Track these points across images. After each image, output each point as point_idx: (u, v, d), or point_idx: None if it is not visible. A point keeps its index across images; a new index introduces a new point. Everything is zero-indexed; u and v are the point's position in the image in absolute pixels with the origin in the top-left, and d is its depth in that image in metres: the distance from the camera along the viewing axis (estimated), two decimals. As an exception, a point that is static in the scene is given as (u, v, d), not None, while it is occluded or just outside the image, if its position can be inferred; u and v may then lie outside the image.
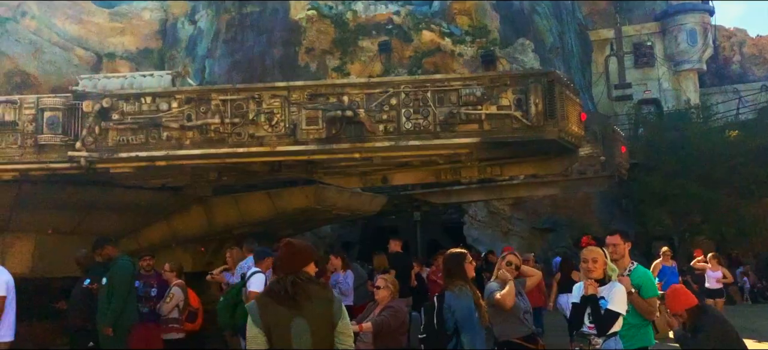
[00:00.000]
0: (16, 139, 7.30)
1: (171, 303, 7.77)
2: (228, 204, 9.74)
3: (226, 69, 21.85)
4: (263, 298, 3.47)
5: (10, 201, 8.19)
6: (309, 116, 7.28)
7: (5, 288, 6.11)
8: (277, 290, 3.44)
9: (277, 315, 3.35)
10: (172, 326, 7.85)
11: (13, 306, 6.23)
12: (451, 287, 5.00)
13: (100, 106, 7.25)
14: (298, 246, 3.70)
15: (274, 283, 3.50)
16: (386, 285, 5.82)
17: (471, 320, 4.86)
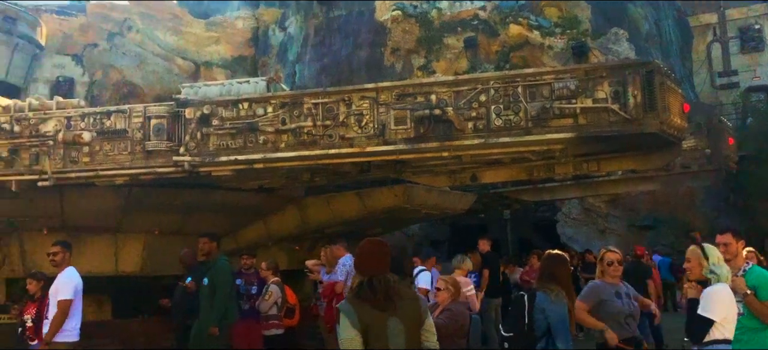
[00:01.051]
0: (126, 146, 7.78)
1: (270, 301, 8.08)
2: (320, 204, 9.97)
3: (315, 72, 22.41)
4: (355, 300, 3.47)
5: (122, 204, 8.78)
6: (397, 116, 7.31)
7: (73, 291, 6.43)
8: (370, 291, 3.44)
9: (373, 317, 3.38)
10: (272, 322, 8.16)
11: (80, 308, 6.58)
12: (545, 289, 4.86)
13: (201, 112, 7.63)
14: (382, 245, 3.74)
15: (365, 284, 3.48)
16: (446, 287, 5.68)
17: (565, 326, 4.71)
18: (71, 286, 6.40)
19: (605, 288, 5.22)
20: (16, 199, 8.16)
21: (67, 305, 6.30)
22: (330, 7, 22.64)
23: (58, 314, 6.28)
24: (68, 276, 6.51)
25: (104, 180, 7.88)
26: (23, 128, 7.83)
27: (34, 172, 7.73)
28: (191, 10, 27.26)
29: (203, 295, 7.40)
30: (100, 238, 9.50)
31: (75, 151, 7.74)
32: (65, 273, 6.55)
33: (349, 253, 7.47)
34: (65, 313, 6.30)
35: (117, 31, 25.37)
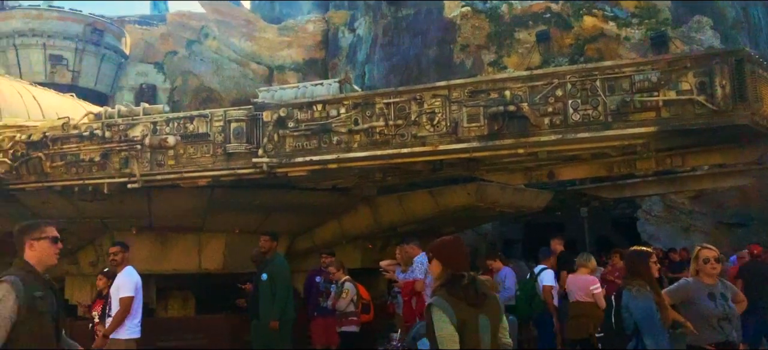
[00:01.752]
0: (208, 149, 8.10)
1: (347, 298, 8.23)
2: (392, 203, 10.03)
3: (384, 72, 22.54)
4: (448, 296, 3.46)
5: (205, 205, 9.14)
6: (470, 113, 7.25)
7: (134, 288, 6.69)
8: (459, 288, 3.46)
9: (466, 313, 3.40)
10: (351, 319, 8.30)
11: (140, 305, 6.82)
12: (629, 286, 4.73)
13: (277, 115, 7.84)
14: (463, 242, 3.79)
15: (454, 281, 3.50)
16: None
17: (652, 321, 4.54)
18: (132, 284, 6.68)
19: (696, 286, 4.99)
20: (107, 201, 8.62)
21: (128, 302, 6.58)
22: (398, 6, 22.70)
23: (120, 311, 6.57)
24: (128, 274, 6.79)
25: (188, 182, 8.23)
26: (113, 134, 8.28)
27: (124, 175, 8.16)
28: (264, 15, 28.07)
29: (263, 291, 7.64)
30: (185, 237, 9.93)
31: (161, 154, 8.11)
32: (125, 271, 6.84)
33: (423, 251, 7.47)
34: (127, 310, 6.57)
35: (195, 38, 26.45)
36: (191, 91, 25.49)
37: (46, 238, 3.65)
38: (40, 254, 3.61)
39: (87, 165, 8.21)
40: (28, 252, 3.63)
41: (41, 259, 3.63)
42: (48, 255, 3.65)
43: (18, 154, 8.31)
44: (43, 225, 3.73)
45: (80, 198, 8.56)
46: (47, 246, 3.63)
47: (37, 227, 3.71)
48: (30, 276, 3.52)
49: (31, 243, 3.64)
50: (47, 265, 3.67)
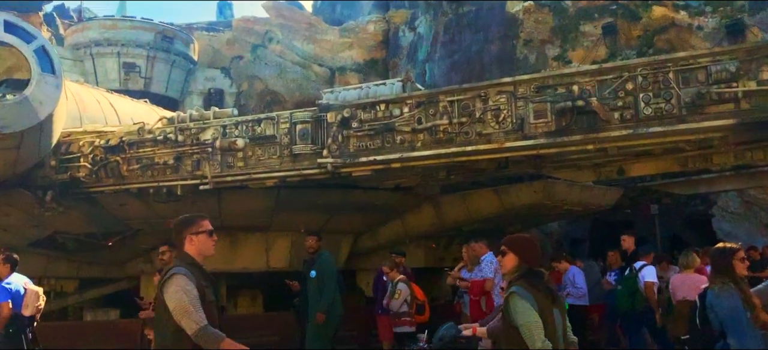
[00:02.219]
0: (275, 151, 8.29)
1: (400, 299, 8.19)
2: (456, 202, 9.96)
3: (445, 70, 22.41)
4: (529, 286, 3.55)
5: (272, 205, 9.35)
6: (537, 109, 7.13)
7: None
8: (537, 281, 3.57)
9: (544, 306, 3.50)
10: (405, 319, 8.27)
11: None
12: (713, 285, 4.53)
13: (341, 116, 7.94)
14: (537, 240, 3.84)
15: (531, 275, 3.60)
16: None
17: (737, 321, 4.33)
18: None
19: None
20: (180, 202, 8.94)
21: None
22: (459, 3, 22.50)
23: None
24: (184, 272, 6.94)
25: (256, 183, 8.45)
26: (186, 137, 8.59)
27: (196, 177, 8.46)
28: (326, 17, 28.44)
29: (312, 287, 7.79)
30: (253, 236, 10.20)
31: (230, 156, 8.37)
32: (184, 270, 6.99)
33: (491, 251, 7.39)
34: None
35: (259, 43, 27.08)
36: (256, 95, 26.12)
37: (203, 232, 3.79)
38: (199, 247, 3.76)
39: (161, 168, 8.55)
40: (187, 245, 3.79)
41: (200, 251, 3.77)
42: (207, 247, 3.79)
43: (97, 158, 8.75)
44: (199, 219, 3.86)
45: (155, 200, 8.92)
46: (205, 239, 3.78)
47: (194, 222, 3.85)
48: (194, 267, 3.68)
49: (190, 238, 3.78)
50: (206, 256, 3.81)
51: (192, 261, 3.75)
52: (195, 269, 3.70)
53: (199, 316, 3.50)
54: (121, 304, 11.53)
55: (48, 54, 7.96)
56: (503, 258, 3.80)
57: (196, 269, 3.70)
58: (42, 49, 7.93)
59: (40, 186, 8.68)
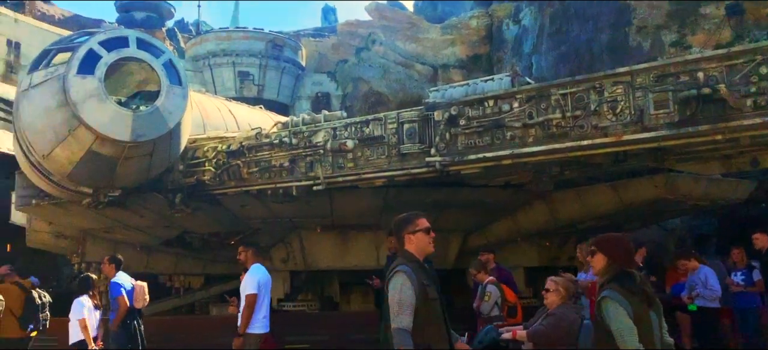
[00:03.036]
0: (383, 151, 8.41)
1: (490, 301, 7.92)
2: (570, 199, 9.61)
3: (552, 62, 21.71)
4: (624, 291, 3.41)
5: (381, 204, 9.50)
6: (657, 99, 6.73)
7: (256, 286, 6.94)
8: (633, 284, 3.44)
9: (639, 309, 3.37)
10: (495, 324, 7.99)
11: (265, 302, 7.03)
12: None
13: (448, 113, 7.91)
14: (628, 239, 3.75)
15: (624, 277, 3.47)
16: (556, 289, 5.13)
17: None
18: (255, 282, 6.97)
19: None
20: (295, 202, 9.31)
21: (251, 299, 6.90)
22: (566, -8, 21.72)
23: (245, 307, 6.93)
24: (253, 273, 7.11)
25: (366, 183, 8.61)
26: (299, 140, 8.92)
27: (310, 178, 8.76)
28: (427, 16, 28.48)
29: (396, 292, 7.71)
30: (364, 235, 10.42)
31: (341, 157, 8.59)
32: (251, 270, 7.18)
33: None
34: (251, 307, 6.85)
35: (363, 45, 27.61)
36: (361, 96, 26.64)
37: (420, 230, 3.87)
38: (417, 244, 3.85)
39: (277, 170, 8.94)
40: (407, 244, 3.89)
41: (419, 249, 3.85)
42: (424, 244, 3.86)
43: (220, 162, 9.29)
44: (415, 218, 3.95)
45: (272, 201, 9.34)
46: (422, 236, 3.85)
47: (411, 221, 3.95)
48: (416, 265, 3.77)
49: (408, 237, 3.89)
50: (426, 253, 3.88)
51: (413, 258, 3.79)
52: (417, 267, 3.74)
53: (400, 317, 3.57)
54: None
55: (174, 67, 8.58)
56: (592, 258, 3.68)
57: (417, 267, 3.75)
58: (169, 62, 8.56)
59: (170, 190, 9.36)
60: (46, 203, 10.16)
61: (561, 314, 5.04)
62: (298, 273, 11.50)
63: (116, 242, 11.48)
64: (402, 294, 3.58)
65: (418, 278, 3.64)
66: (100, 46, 7.95)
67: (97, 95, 7.69)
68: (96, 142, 7.86)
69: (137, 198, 9.42)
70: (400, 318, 3.56)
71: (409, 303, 3.57)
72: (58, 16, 30.86)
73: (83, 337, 7.29)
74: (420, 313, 3.59)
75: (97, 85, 7.71)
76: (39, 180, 9.43)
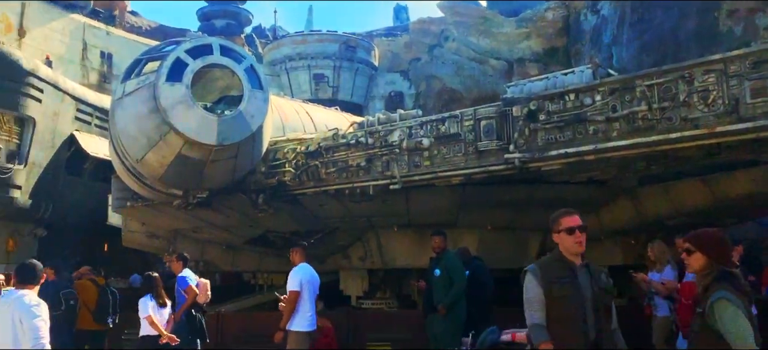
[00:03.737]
0: (460, 148, 8.35)
1: None
2: (657, 194, 9.19)
3: (634, 53, 20.83)
4: (737, 292, 3.29)
5: (458, 202, 9.44)
6: (755, 87, 6.35)
7: (298, 284, 7.04)
8: (738, 283, 3.34)
9: (748, 311, 3.26)
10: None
11: (308, 299, 7.08)
12: None
13: (527, 109, 7.76)
14: (727, 236, 3.57)
15: (730, 277, 3.35)
16: None
17: None
18: (297, 280, 7.08)
19: None
20: (372, 201, 9.41)
21: (292, 296, 7.02)
22: (648, -21, 20.79)
23: (286, 303, 7.08)
24: (296, 271, 7.23)
25: (442, 181, 8.58)
26: (375, 140, 9.00)
27: (386, 177, 8.82)
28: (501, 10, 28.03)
29: (436, 285, 7.63)
30: (440, 234, 10.35)
31: (417, 156, 8.61)
32: (296, 269, 7.30)
33: None
34: (292, 303, 6.99)
35: (436, 43, 27.54)
36: (434, 94, 26.57)
37: (563, 230, 3.87)
38: (563, 244, 3.88)
39: (354, 169, 9.06)
40: (558, 242, 3.94)
41: (565, 248, 3.86)
42: (569, 244, 3.83)
43: (299, 163, 9.52)
44: (560, 216, 3.94)
45: (350, 200, 9.48)
46: (565, 236, 3.86)
47: (555, 220, 3.97)
48: (555, 263, 3.85)
49: (555, 236, 3.97)
50: (574, 253, 3.85)
51: (560, 257, 3.87)
52: (555, 264, 3.82)
53: (529, 313, 3.77)
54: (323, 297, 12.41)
55: (256, 72, 8.87)
56: (689, 256, 3.50)
57: (556, 264, 3.82)
58: (251, 67, 8.85)
59: (253, 191, 9.68)
60: (140, 205, 10.76)
61: None
62: (376, 272, 11.62)
63: (204, 241, 12.01)
64: (527, 293, 3.79)
65: (547, 275, 3.75)
66: (187, 54, 8.32)
67: (185, 101, 8.06)
68: (185, 146, 8.24)
69: (223, 199, 9.80)
70: (529, 314, 3.77)
71: (536, 300, 3.75)
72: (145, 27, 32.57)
73: (151, 332, 7.72)
74: (548, 310, 3.73)
75: (185, 91, 8.08)
76: (133, 184, 10.00)
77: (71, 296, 8.13)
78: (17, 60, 17.02)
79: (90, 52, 25.03)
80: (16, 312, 4.61)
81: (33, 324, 4.55)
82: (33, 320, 4.56)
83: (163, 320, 7.81)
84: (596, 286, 3.77)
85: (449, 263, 7.70)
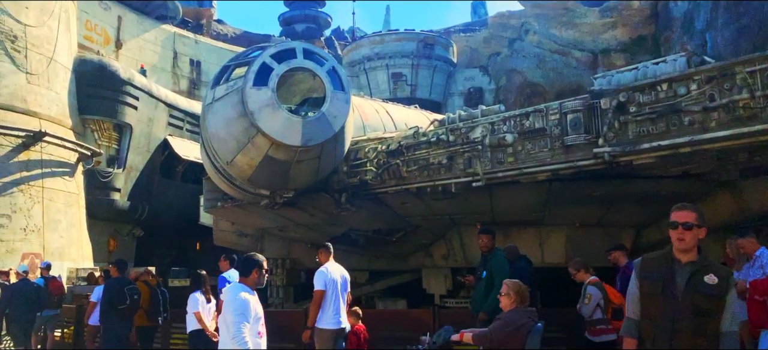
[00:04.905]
0: (546, 143, 8.12)
1: (590, 304, 7.22)
2: (762, 187, 8.57)
3: (731, 38, 19.56)
4: None
5: (544, 199, 9.20)
6: None
7: (322, 284, 7.02)
8: None
9: None
10: (600, 327, 7.26)
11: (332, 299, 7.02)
12: None
13: (616, 100, 7.44)
14: None
15: None
16: (507, 292, 5.05)
17: None
18: (322, 280, 7.07)
19: None
20: (454, 199, 9.33)
21: (317, 295, 7.03)
22: (746, -42, 19.45)
23: (311, 303, 7.09)
24: (321, 271, 7.18)
25: (527, 178, 8.37)
26: (456, 137, 8.92)
27: (468, 175, 8.71)
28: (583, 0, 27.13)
29: (479, 289, 7.32)
30: (526, 231, 10.15)
31: (500, 152, 8.44)
32: (320, 269, 7.25)
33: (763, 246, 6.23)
34: (316, 302, 7.01)
35: (516, 36, 27.00)
36: (515, 89, 26.07)
37: (669, 223, 3.74)
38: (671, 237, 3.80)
39: (436, 167, 9.01)
40: None
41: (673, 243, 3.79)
42: (674, 239, 3.66)
43: (381, 162, 9.59)
44: (673, 209, 3.77)
45: (431, 198, 9.45)
46: (671, 230, 3.70)
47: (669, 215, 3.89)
48: (658, 259, 3.73)
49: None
50: (676, 249, 3.69)
51: (668, 252, 3.74)
52: (657, 262, 3.72)
53: (627, 306, 3.82)
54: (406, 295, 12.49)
55: (337, 73, 9.01)
56: None
57: (658, 263, 3.71)
58: (332, 69, 9.00)
59: (336, 190, 9.85)
60: (230, 205, 11.20)
61: (508, 318, 4.95)
62: (459, 270, 11.53)
63: (290, 240, 12.34)
64: (629, 286, 3.81)
65: (644, 271, 3.71)
66: (272, 59, 8.56)
67: (271, 104, 8.30)
68: (271, 148, 8.49)
69: (307, 198, 10.03)
70: (627, 307, 3.80)
71: (631, 294, 3.76)
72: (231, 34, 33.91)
73: (199, 327, 8.09)
74: (642, 307, 3.69)
75: (271, 95, 8.33)
76: (223, 185, 10.42)
77: (135, 292, 8.71)
78: (115, 70, 18.19)
79: (180, 60, 26.34)
80: None
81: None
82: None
83: (210, 315, 8.21)
84: (694, 289, 3.52)
85: (495, 265, 7.36)
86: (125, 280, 8.90)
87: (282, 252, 12.73)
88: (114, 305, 8.39)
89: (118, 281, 8.72)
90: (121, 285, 8.61)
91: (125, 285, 8.65)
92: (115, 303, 8.39)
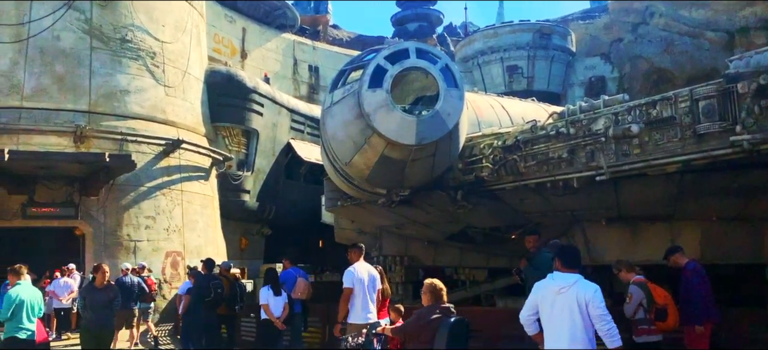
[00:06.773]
0: (675, 133, 7.60)
1: (632, 304, 6.95)
2: None
3: None
4: None
5: (675, 191, 8.62)
6: None
7: (350, 282, 7.33)
8: None
9: None
10: (642, 328, 7.00)
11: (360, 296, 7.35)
12: None
13: (756, 84, 6.82)
14: None
15: None
16: (424, 291, 5.53)
17: None
18: (350, 278, 7.38)
19: None
20: (576, 194, 8.99)
21: (345, 292, 7.37)
22: None
23: (340, 300, 7.42)
24: (349, 270, 7.47)
25: (656, 170, 7.89)
26: (577, 130, 8.57)
27: (591, 168, 8.35)
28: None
29: (527, 288, 6.88)
30: (655, 227, 9.57)
31: (625, 144, 8.01)
32: (349, 268, 7.49)
33: None
34: (345, 300, 7.37)
35: (639, 21, 25.47)
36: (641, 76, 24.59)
37: None
38: None
39: (556, 162, 8.73)
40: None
41: None
42: None
43: (497, 158, 9.45)
44: None
45: (552, 194, 9.16)
46: None
47: None
48: None
49: None
50: None
51: None
52: None
53: None
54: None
55: (451, 71, 8.99)
56: None
57: None
58: (445, 67, 8.99)
59: (452, 187, 9.84)
60: (349, 204, 11.56)
61: (420, 313, 5.45)
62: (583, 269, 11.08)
63: (407, 237, 12.51)
64: None
65: None
66: (386, 61, 8.72)
67: (385, 105, 8.46)
68: (387, 148, 8.65)
69: (423, 196, 10.12)
70: None
71: None
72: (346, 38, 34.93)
73: (267, 317, 8.99)
74: None
75: (385, 96, 8.48)
76: (342, 185, 10.78)
77: (219, 286, 10.06)
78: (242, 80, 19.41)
79: (300, 66, 27.55)
80: None
81: None
82: None
83: (279, 308, 9.03)
84: None
85: (537, 265, 7.29)
86: (211, 276, 10.33)
87: (400, 250, 12.92)
88: (202, 297, 9.91)
89: (205, 277, 10.26)
90: (208, 281, 10.09)
91: (211, 281, 10.07)
92: (203, 295, 9.90)
